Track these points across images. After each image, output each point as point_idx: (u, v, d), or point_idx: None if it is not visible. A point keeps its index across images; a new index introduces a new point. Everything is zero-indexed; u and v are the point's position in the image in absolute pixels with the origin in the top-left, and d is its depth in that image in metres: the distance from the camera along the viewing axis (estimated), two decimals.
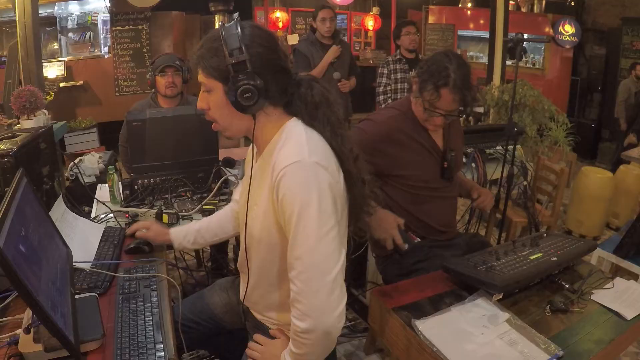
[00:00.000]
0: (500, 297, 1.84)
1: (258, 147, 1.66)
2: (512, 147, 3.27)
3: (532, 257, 2.00)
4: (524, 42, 3.09)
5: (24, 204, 1.43)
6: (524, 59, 9.26)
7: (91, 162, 3.77)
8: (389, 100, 4.82)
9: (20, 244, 1.23)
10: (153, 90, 3.71)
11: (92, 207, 2.76)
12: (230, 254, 3.85)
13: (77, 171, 3.39)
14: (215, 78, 1.51)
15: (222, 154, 3.03)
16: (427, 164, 2.42)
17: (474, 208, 3.36)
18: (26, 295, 1.13)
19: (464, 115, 2.40)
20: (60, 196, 2.30)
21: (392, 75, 4.84)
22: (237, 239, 2.22)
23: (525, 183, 3.83)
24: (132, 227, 2.15)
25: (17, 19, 4.76)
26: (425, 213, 2.43)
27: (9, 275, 1.10)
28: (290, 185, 1.41)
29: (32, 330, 1.39)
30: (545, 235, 2.30)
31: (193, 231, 2.11)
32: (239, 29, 1.48)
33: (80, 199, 2.78)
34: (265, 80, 1.47)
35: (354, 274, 3.41)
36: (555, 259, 2.00)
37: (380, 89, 4.90)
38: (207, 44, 1.52)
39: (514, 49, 3.15)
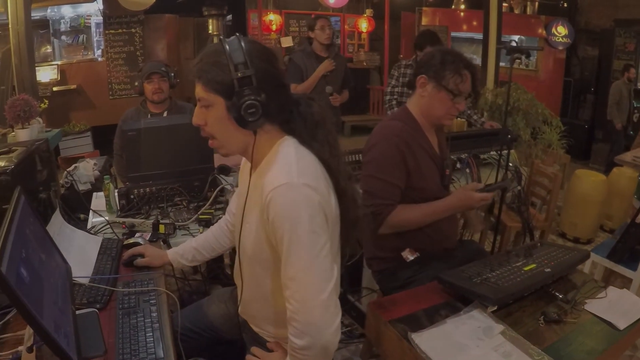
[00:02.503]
0: (495, 308, 1.86)
1: (252, 162, 1.66)
2: (506, 152, 3.29)
3: (526, 269, 2.01)
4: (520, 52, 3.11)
5: (23, 224, 1.43)
6: (517, 60, 9.36)
7: (86, 169, 3.75)
8: (394, 102, 4.87)
9: (22, 267, 1.23)
10: (142, 97, 3.82)
11: (87, 214, 2.77)
12: (226, 260, 3.86)
13: (72, 179, 3.38)
14: (217, 93, 1.49)
15: (217, 160, 3.04)
16: (431, 173, 2.42)
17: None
18: (31, 321, 1.14)
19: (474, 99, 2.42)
20: (57, 209, 2.31)
21: (401, 78, 4.87)
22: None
23: (519, 187, 3.85)
24: (127, 254, 2.13)
25: (9, 26, 4.76)
26: (432, 226, 2.40)
27: (14, 303, 1.11)
28: (279, 207, 1.42)
29: (34, 348, 1.40)
30: (539, 244, 2.31)
31: (190, 249, 2.12)
32: (242, 43, 1.48)
33: (76, 207, 2.79)
34: (266, 96, 1.48)
35: (350, 281, 3.43)
36: (549, 270, 2.02)
37: (388, 89, 4.96)
38: (209, 58, 1.51)
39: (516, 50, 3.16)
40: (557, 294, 1.99)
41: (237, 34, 1.53)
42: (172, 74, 3.78)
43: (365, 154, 2.43)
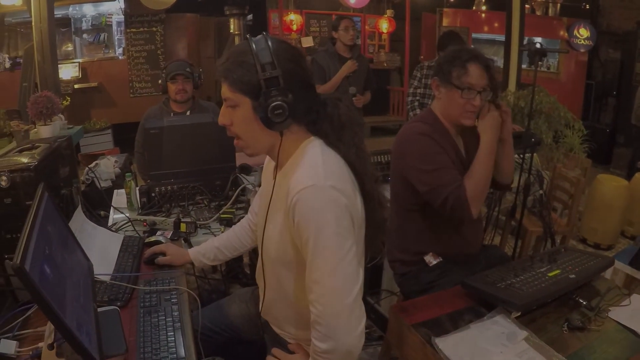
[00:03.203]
0: (519, 314, 1.84)
1: (278, 162, 1.65)
2: (529, 156, 3.26)
3: (550, 274, 1.98)
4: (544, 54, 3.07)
5: (46, 221, 1.43)
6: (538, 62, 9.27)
7: (107, 166, 3.77)
8: (416, 103, 4.87)
9: (45, 265, 1.23)
10: (166, 95, 3.84)
11: (108, 211, 2.79)
12: (245, 259, 3.86)
13: (93, 176, 3.40)
14: (243, 93, 1.48)
15: (238, 159, 3.04)
16: None
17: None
18: (54, 319, 1.14)
19: (493, 94, 2.37)
20: (79, 206, 2.32)
21: (424, 80, 4.86)
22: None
23: (541, 191, 3.81)
24: (148, 252, 2.13)
25: (33, 24, 4.82)
26: (459, 233, 2.40)
27: (38, 301, 1.11)
28: (305, 209, 1.41)
29: (55, 345, 1.40)
30: (563, 250, 2.29)
31: (212, 248, 2.12)
32: (269, 42, 1.47)
33: (96, 204, 2.80)
34: (293, 97, 1.46)
35: (370, 283, 3.40)
36: (573, 276, 1.99)
37: (410, 90, 4.96)
38: (236, 58, 1.49)
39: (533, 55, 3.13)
40: (581, 301, 1.96)
41: (264, 33, 1.52)
42: (197, 75, 3.79)
43: (403, 158, 2.39)
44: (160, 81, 3.79)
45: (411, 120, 2.62)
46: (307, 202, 1.40)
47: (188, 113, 3.77)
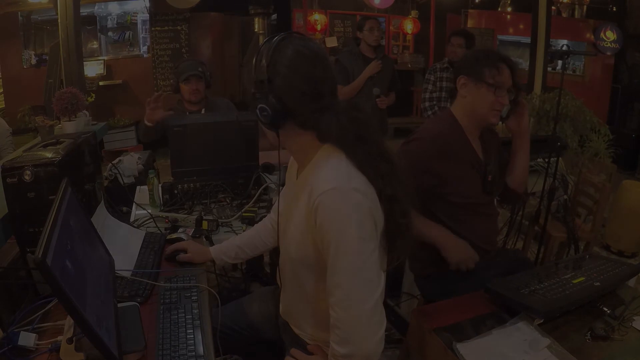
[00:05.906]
0: (541, 321, 1.81)
1: (299, 163, 1.65)
2: (554, 160, 3.21)
3: (574, 281, 1.95)
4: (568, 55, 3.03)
5: (69, 216, 1.44)
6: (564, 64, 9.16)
7: (130, 162, 3.80)
8: (435, 108, 4.82)
9: (66, 259, 1.24)
10: (178, 95, 3.88)
11: (130, 207, 2.80)
12: (266, 258, 3.85)
13: (116, 172, 3.42)
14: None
15: (261, 157, 3.03)
16: (470, 178, 2.39)
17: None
18: (75, 314, 1.15)
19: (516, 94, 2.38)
20: (102, 202, 2.33)
21: (438, 83, 4.81)
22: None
23: (565, 197, 3.75)
24: (170, 249, 2.14)
25: (59, 21, 4.88)
26: (469, 230, 2.38)
27: (59, 296, 1.11)
28: (327, 212, 1.39)
29: (74, 339, 1.40)
30: (587, 257, 2.25)
31: (234, 247, 2.11)
32: (275, 46, 1.48)
33: (119, 200, 2.82)
34: (286, 102, 1.46)
35: (390, 285, 3.38)
36: (598, 284, 1.95)
37: (427, 95, 4.90)
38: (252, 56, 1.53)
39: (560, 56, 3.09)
40: (605, 309, 1.92)
41: (281, 34, 1.52)
42: (208, 74, 3.83)
43: (406, 143, 2.45)
44: (171, 81, 3.84)
45: (429, 121, 2.61)
46: (329, 204, 1.39)
47: (203, 111, 3.80)
